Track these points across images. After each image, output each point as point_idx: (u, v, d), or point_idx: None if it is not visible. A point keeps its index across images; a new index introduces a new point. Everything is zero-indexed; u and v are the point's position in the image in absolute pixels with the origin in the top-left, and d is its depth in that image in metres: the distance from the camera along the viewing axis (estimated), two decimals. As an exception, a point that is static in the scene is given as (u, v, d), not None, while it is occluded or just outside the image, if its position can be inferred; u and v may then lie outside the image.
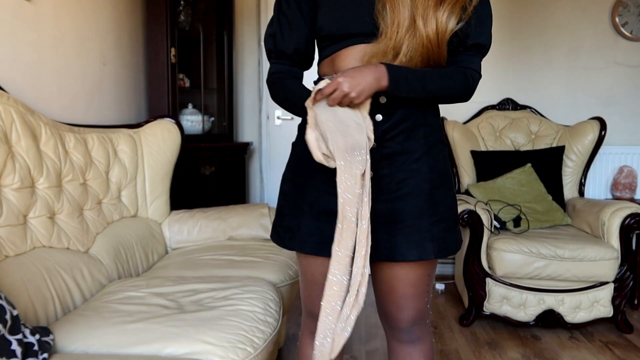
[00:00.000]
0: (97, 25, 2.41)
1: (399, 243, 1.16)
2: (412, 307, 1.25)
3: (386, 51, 1.09)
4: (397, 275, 1.22)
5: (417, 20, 1.07)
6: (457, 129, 3.15)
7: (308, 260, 1.24)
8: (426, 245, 1.16)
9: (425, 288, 1.25)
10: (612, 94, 3.40)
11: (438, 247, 1.18)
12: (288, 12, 1.21)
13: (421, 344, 1.30)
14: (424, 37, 1.07)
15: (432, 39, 1.08)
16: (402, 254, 1.16)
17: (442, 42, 1.09)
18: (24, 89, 1.87)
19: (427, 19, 1.07)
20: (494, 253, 2.54)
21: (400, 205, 1.16)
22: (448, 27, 1.08)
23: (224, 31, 3.25)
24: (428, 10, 1.07)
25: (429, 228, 1.17)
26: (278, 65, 1.25)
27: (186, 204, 2.69)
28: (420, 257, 1.16)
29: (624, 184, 3.25)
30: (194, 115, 3.12)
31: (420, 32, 1.07)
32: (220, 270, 1.98)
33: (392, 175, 1.17)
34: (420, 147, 1.18)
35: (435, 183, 1.19)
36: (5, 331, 1.14)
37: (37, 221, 1.65)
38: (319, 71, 1.26)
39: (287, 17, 1.21)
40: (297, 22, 1.21)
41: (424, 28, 1.07)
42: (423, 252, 1.16)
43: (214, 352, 1.30)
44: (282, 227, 1.25)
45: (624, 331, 2.58)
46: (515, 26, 3.40)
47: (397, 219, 1.16)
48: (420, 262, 1.20)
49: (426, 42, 1.08)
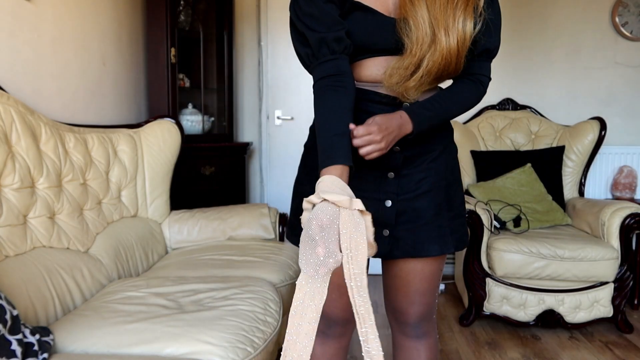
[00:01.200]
0: (97, 25, 2.41)
1: (422, 239, 1.20)
2: (423, 302, 1.29)
3: (408, 66, 1.09)
4: (413, 270, 1.25)
5: (439, 33, 1.07)
6: (457, 129, 3.15)
7: None
8: (447, 239, 1.22)
9: (437, 283, 1.30)
10: (612, 94, 3.40)
11: (457, 240, 1.25)
12: (314, 12, 1.12)
13: (428, 339, 1.34)
14: (444, 49, 1.07)
15: (452, 50, 1.08)
16: (426, 250, 1.21)
17: (463, 51, 1.10)
18: (24, 89, 1.87)
19: (448, 30, 1.07)
20: (494, 253, 2.54)
21: (420, 203, 1.20)
22: (467, 32, 1.08)
23: (224, 31, 3.25)
24: (449, 20, 1.07)
25: (448, 223, 1.23)
26: (324, 65, 1.11)
27: (186, 204, 2.69)
28: (442, 251, 1.22)
29: (624, 184, 3.24)
30: (194, 115, 3.12)
31: (442, 44, 1.07)
32: (220, 270, 1.98)
33: (411, 175, 1.20)
34: (437, 147, 1.23)
35: (450, 180, 1.25)
36: (5, 331, 1.14)
37: (37, 221, 1.65)
38: None
39: (312, 16, 1.12)
40: (329, 15, 1.12)
41: (445, 39, 1.07)
42: (444, 246, 1.22)
43: (214, 352, 1.30)
44: (301, 229, 1.25)
45: (624, 331, 2.58)
46: (515, 26, 3.40)
47: (418, 216, 1.20)
48: (436, 258, 1.25)
49: (446, 53, 1.08)
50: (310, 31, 1.11)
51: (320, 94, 1.10)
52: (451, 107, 1.17)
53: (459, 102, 1.19)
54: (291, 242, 1.30)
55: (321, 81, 1.10)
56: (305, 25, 1.11)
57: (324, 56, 1.10)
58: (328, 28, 1.09)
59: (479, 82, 1.20)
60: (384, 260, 1.27)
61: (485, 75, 1.22)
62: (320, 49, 1.10)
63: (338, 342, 1.33)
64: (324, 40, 1.09)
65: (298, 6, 1.13)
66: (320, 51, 1.10)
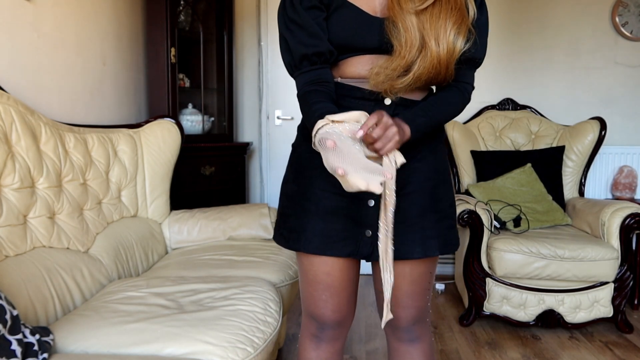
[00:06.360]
0: (97, 25, 2.41)
1: (405, 241, 1.18)
2: (414, 305, 1.27)
3: (396, 68, 1.09)
4: (400, 273, 1.23)
5: (429, 42, 1.07)
6: (457, 129, 3.15)
7: (311, 259, 1.25)
8: (430, 242, 1.19)
9: (426, 286, 1.27)
10: (612, 94, 3.40)
11: (441, 243, 1.21)
12: (297, 18, 1.16)
13: (421, 343, 1.31)
14: (435, 58, 1.08)
15: (442, 60, 1.09)
16: (408, 252, 1.19)
17: (451, 62, 1.10)
18: (24, 89, 1.87)
19: (438, 39, 1.08)
20: (494, 253, 2.54)
21: (404, 203, 1.18)
22: (457, 46, 1.09)
23: (224, 31, 3.25)
24: (439, 30, 1.08)
25: (433, 225, 1.20)
26: (306, 75, 1.17)
27: (186, 204, 2.69)
28: (425, 254, 1.19)
29: (624, 184, 3.24)
30: (194, 115, 3.12)
31: (432, 52, 1.08)
32: (220, 270, 1.98)
33: (395, 175, 1.18)
34: (425, 147, 1.21)
35: (437, 181, 1.23)
36: (5, 331, 1.14)
37: (37, 221, 1.65)
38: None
39: (296, 23, 1.17)
40: (311, 25, 1.16)
41: (436, 48, 1.08)
42: (427, 249, 1.19)
43: (214, 352, 1.30)
44: (287, 229, 1.25)
45: (624, 331, 2.58)
46: (515, 26, 3.40)
47: (402, 217, 1.18)
48: (423, 260, 1.23)
49: (436, 62, 1.09)
50: (293, 41, 1.16)
51: (304, 97, 1.16)
52: (443, 114, 1.18)
53: (449, 110, 1.19)
54: (277, 243, 1.29)
55: (304, 87, 1.17)
56: (290, 32, 1.16)
57: (305, 67, 1.16)
58: (309, 40, 1.14)
59: (464, 90, 1.21)
60: (368, 261, 1.24)
61: (469, 84, 1.22)
62: (302, 61, 1.16)
63: (332, 346, 1.32)
64: (306, 55, 1.15)
65: (284, 12, 1.17)
66: (302, 63, 1.16)
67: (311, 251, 1.21)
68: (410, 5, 1.08)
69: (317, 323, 1.29)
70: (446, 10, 1.09)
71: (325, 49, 1.14)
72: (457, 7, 1.10)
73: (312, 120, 1.07)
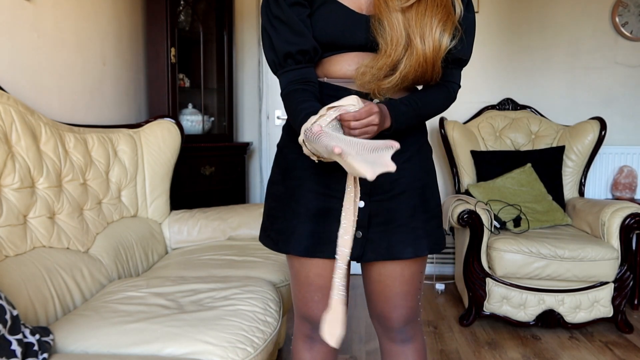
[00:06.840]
0: (97, 25, 2.41)
1: (395, 241, 1.18)
2: (405, 306, 1.27)
3: (382, 67, 1.09)
4: (392, 274, 1.23)
5: (415, 39, 1.07)
6: (457, 129, 3.15)
7: (302, 261, 1.24)
8: (421, 242, 1.20)
9: (417, 285, 1.28)
10: (612, 94, 3.40)
11: (431, 243, 1.22)
12: (281, 15, 1.15)
13: (414, 343, 1.32)
14: (421, 56, 1.07)
15: (428, 58, 1.08)
16: (399, 252, 1.19)
17: (438, 60, 1.10)
18: (24, 89, 1.87)
19: (424, 37, 1.07)
20: (494, 253, 2.54)
21: (394, 204, 1.19)
22: (442, 44, 1.09)
23: (224, 31, 3.25)
24: (425, 28, 1.07)
25: (423, 225, 1.21)
26: (290, 73, 1.16)
27: (186, 204, 2.69)
28: (416, 254, 1.20)
29: (624, 184, 3.24)
30: (194, 115, 3.12)
31: (418, 50, 1.07)
32: (220, 270, 1.98)
33: (384, 176, 1.17)
34: (411, 147, 1.21)
35: (425, 181, 1.23)
36: (5, 331, 1.14)
37: (37, 221, 1.65)
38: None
39: (280, 19, 1.16)
40: (295, 23, 1.16)
41: (422, 46, 1.07)
42: (418, 248, 1.20)
43: (214, 352, 1.30)
44: (275, 231, 1.25)
45: (624, 331, 2.58)
46: (515, 26, 3.40)
47: (392, 218, 1.18)
48: (414, 260, 1.23)
49: (422, 60, 1.08)
50: (277, 38, 1.14)
51: (289, 97, 1.15)
52: (428, 109, 1.18)
53: (434, 105, 1.19)
54: (264, 245, 1.29)
55: (288, 86, 1.16)
56: (274, 29, 1.15)
57: (289, 65, 1.15)
58: (294, 38, 1.13)
59: (451, 88, 1.22)
60: (358, 263, 1.24)
61: (455, 83, 1.23)
62: (286, 59, 1.15)
63: (326, 346, 1.31)
64: (290, 53, 1.14)
65: (268, 8, 1.16)
66: (286, 61, 1.15)
67: (301, 253, 1.21)
68: (396, 3, 1.07)
69: (310, 324, 1.29)
70: (432, 7, 1.08)
71: (309, 47, 1.13)
72: (442, 4, 1.09)
73: (298, 120, 1.07)
